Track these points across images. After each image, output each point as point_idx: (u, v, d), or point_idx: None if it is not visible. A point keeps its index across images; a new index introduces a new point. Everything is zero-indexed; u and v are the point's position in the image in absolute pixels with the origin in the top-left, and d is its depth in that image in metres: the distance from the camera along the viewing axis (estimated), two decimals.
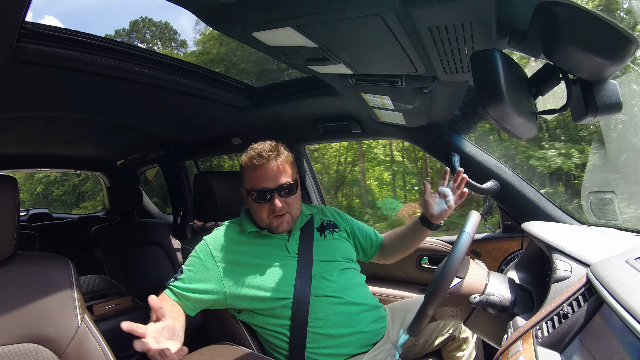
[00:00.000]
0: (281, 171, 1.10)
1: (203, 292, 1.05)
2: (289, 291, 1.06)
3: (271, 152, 1.10)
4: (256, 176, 1.10)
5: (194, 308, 1.07)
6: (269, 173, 1.09)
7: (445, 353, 1.20)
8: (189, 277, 1.07)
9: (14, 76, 1.13)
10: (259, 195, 1.10)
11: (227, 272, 1.07)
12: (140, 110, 1.74)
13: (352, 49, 0.87)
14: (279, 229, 1.12)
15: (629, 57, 0.59)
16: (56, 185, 10.76)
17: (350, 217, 1.36)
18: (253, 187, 1.11)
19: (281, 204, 1.09)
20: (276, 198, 1.09)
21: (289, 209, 1.12)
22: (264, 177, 1.09)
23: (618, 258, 0.65)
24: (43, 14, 17.13)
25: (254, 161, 1.10)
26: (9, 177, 0.87)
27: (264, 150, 1.10)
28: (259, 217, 1.13)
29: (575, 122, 0.69)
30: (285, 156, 1.13)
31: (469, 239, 0.88)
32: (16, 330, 0.83)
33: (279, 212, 1.10)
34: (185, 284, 1.06)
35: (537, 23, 0.61)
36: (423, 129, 1.43)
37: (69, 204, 10.15)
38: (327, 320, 1.06)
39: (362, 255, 1.35)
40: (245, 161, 1.13)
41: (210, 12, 0.82)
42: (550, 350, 0.60)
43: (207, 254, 1.10)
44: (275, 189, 1.09)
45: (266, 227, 1.14)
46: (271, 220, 1.12)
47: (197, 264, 1.09)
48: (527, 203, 1.35)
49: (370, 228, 1.38)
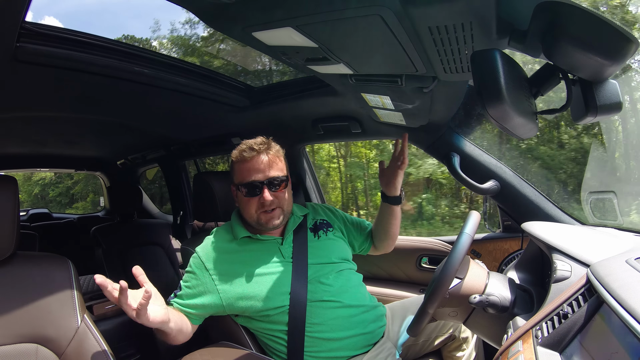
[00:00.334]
0: (272, 164, 1.09)
1: (201, 307, 1.05)
2: (285, 299, 1.05)
3: (262, 145, 1.10)
4: (246, 168, 1.08)
5: (198, 319, 1.07)
6: (259, 165, 1.08)
7: (445, 353, 1.20)
8: (187, 294, 1.07)
9: (14, 76, 1.13)
10: (248, 188, 1.08)
11: (222, 284, 1.06)
12: (140, 110, 1.74)
13: (352, 48, 0.87)
14: (268, 224, 1.10)
15: (629, 57, 0.59)
16: (52, 187, 11.60)
17: (343, 212, 1.35)
18: (242, 181, 1.09)
19: (271, 198, 1.07)
20: (266, 191, 1.07)
21: (280, 203, 1.10)
22: (254, 170, 1.07)
23: (618, 258, 0.65)
24: (43, 14, 17.15)
25: (245, 154, 1.08)
26: (9, 177, 0.87)
27: (255, 143, 1.10)
28: (247, 212, 1.10)
29: (575, 122, 0.69)
30: (276, 150, 1.13)
31: (468, 239, 0.87)
32: (16, 330, 0.83)
33: (268, 206, 1.08)
34: (185, 300, 1.06)
35: (537, 23, 0.61)
36: (423, 129, 1.43)
37: (63, 204, 10.94)
38: (326, 324, 1.05)
39: (359, 249, 1.34)
40: (235, 155, 1.11)
41: (210, 12, 0.82)
42: (550, 351, 0.60)
43: (200, 267, 1.08)
44: (265, 182, 1.07)
45: (255, 224, 1.11)
46: (260, 215, 1.09)
47: (192, 278, 1.08)
48: (527, 203, 1.35)
49: (362, 219, 1.38)
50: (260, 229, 1.13)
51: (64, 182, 11.18)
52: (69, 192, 11.34)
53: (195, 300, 1.05)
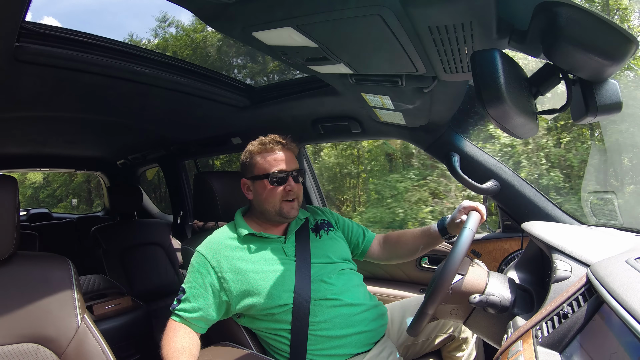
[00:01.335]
0: (293, 158, 1.17)
1: (207, 308, 1.05)
2: (289, 297, 1.05)
3: (285, 141, 1.16)
4: (273, 159, 1.13)
5: (204, 326, 1.07)
6: (285, 157, 1.14)
7: (445, 353, 1.20)
8: (192, 295, 1.05)
9: (14, 76, 1.13)
10: (276, 177, 1.12)
11: (228, 281, 1.06)
12: (140, 110, 1.74)
13: (352, 48, 0.87)
14: (290, 213, 1.13)
15: (629, 57, 0.59)
16: (42, 190, 13.65)
17: (338, 215, 1.35)
18: (269, 170, 1.12)
19: (296, 187, 1.13)
20: (292, 180, 1.12)
21: (298, 195, 1.15)
22: (280, 160, 1.13)
23: (618, 258, 0.65)
24: (42, 14, 17.17)
25: (270, 145, 1.14)
26: (9, 177, 0.87)
27: (279, 137, 1.16)
28: (270, 201, 1.12)
29: (575, 122, 0.69)
30: (294, 147, 1.19)
31: (470, 234, 0.88)
32: (16, 330, 0.83)
33: (292, 196, 1.13)
34: (191, 303, 1.04)
35: (537, 23, 0.61)
36: (423, 129, 1.43)
37: (51, 204, 12.52)
38: (328, 322, 1.06)
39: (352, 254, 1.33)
40: (256, 149, 1.15)
41: (210, 11, 0.82)
42: (550, 350, 0.60)
43: (203, 265, 1.08)
44: (290, 172, 1.13)
45: (275, 214, 1.13)
46: (282, 204, 1.12)
47: (196, 278, 1.07)
48: (527, 203, 1.35)
49: (360, 226, 1.36)
50: (278, 220, 1.15)
51: (52, 185, 13.17)
52: (55, 194, 13.17)
53: (200, 302, 1.04)
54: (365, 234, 1.34)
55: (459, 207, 1.11)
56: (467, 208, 1.07)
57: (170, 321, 1.05)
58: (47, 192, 13.38)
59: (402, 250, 1.28)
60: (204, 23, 0.88)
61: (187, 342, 1.00)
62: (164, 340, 1.01)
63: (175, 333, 1.02)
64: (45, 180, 13.17)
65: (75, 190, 12.62)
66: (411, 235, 1.26)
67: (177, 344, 0.99)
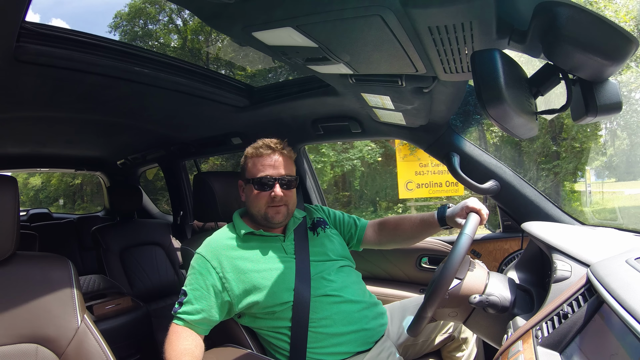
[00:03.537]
0: (285, 164, 1.15)
1: (210, 308, 1.04)
2: (289, 295, 1.06)
3: (278, 145, 1.15)
4: (261, 164, 1.13)
5: (207, 328, 1.07)
6: (273, 162, 1.13)
7: (444, 353, 1.20)
8: (195, 297, 1.05)
9: (14, 76, 1.13)
10: (261, 182, 1.12)
11: (229, 280, 1.06)
12: (140, 110, 1.74)
13: (352, 48, 0.87)
14: (274, 219, 1.12)
15: (629, 57, 0.59)
16: (41, 192, 15.87)
17: (329, 209, 1.36)
18: (255, 175, 1.13)
19: (281, 194, 1.11)
20: (277, 187, 1.11)
21: (287, 202, 1.14)
22: (268, 165, 1.13)
23: (618, 258, 0.65)
24: (50, 16, 17.24)
25: (261, 150, 1.14)
26: (9, 177, 0.87)
27: (272, 142, 1.15)
28: (255, 205, 1.13)
29: (575, 122, 0.69)
30: (289, 151, 1.18)
31: (468, 240, 0.88)
32: (16, 330, 0.83)
33: (278, 202, 1.11)
34: (194, 306, 1.04)
35: (537, 23, 0.61)
36: (423, 129, 1.43)
37: (47, 204, 14.48)
38: (329, 319, 1.06)
39: (349, 245, 1.33)
40: (250, 152, 1.16)
41: (210, 11, 0.82)
42: (550, 351, 0.60)
43: (204, 266, 1.08)
44: (277, 178, 1.12)
45: (261, 218, 1.13)
46: (267, 209, 1.12)
47: (198, 280, 1.07)
48: (527, 203, 1.35)
49: (351, 216, 1.35)
50: (265, 224, 1.15)
51: (48, 188, 15.59)
52: (49, 195, 15.47)
53: (203, 304, 1.04)
54: (357, 223, 1.34)
55: (463, 205, 1.09)
56: (469, 209, 1.05)
57: (173, 325, 1.04)
58: (45, 194, 15.54)
59: (400, 237, 1.29)
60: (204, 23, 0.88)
61: (190, 345, 1.00)
62: (166, 344, 1.00)
63: (178, 336, 1.01)
64: (42, 184, 15.57)
65: (66, 191, 15.43)
66: (409, 223, 1.26)
67: (180, 346, 0.98)
